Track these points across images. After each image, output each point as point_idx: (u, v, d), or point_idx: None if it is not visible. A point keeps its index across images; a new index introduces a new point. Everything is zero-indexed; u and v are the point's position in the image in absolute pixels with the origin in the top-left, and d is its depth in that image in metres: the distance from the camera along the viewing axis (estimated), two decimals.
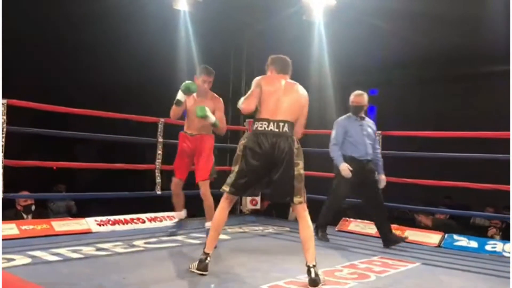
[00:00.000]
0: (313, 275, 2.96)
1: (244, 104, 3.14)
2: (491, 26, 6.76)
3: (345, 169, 4.41)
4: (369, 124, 4.70)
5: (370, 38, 7.56)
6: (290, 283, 3.05)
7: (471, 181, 4.84)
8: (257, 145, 3.04)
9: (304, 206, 3.10)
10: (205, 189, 4.12)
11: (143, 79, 9.64)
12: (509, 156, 4.98)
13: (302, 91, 3.22)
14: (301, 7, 6.35)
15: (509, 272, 3.68)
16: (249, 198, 6.19)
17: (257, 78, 3.22)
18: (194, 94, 4.12)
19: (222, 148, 7.21)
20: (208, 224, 3.97)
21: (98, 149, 10.23)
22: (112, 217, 4.78)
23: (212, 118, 3.93)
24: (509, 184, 4.61)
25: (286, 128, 3.05)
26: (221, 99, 4.23)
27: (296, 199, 3.05)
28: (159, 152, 5.21)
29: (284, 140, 3.03)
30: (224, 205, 3.20)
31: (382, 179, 4.61)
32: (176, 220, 4.60)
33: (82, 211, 6.51)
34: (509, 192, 4.76)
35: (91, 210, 5.96)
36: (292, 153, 3.03)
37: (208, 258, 3.17)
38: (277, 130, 3.04)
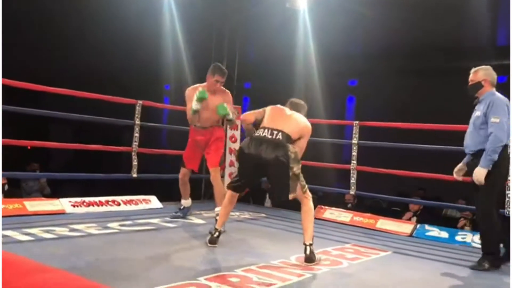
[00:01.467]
0: (308, 252, 3.29)
1: (244, 116, 3.66)
2: (474, 19, 6.84)
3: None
4: (480, 107, 3.77)
5: (352, 27, 7.58)
6: (263, 267, 3.09)
7: (445, 173, 4.93)
8: (246, 148, 3.37)
9: (305, 194, 3.44)
10: (215, 176, 4.41)
11: (125, 62, 9.52)
12: None
13: (305, 122, 3.54)
14: None
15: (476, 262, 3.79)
16: (225, 184, 6.19)
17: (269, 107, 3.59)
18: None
19: None
20: (217, 209, 4.17)
21: (74, 130, 10.08)
22: (86, 199, 4.74)
23: (232, 115, 4.18)
24: None
25: (280, 136, 3.34)
26: (228, 91, 4.45)
27: (291, 196, 3.34)
28: (136, 134, 5.16)
29: (274, 146, 3.30)
30: (230, 194, 3.59)
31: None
32: (182, 207, 4.72)
33: (56, 191, 6.43)
34: None
35: (65, 191, 5.89)
36: (288, 157, 3.27)
37: (217, 233, 3.57)
38: (270, 136, 3.34)
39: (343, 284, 2.97)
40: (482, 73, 3.82)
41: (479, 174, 3.50)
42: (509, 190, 4.37)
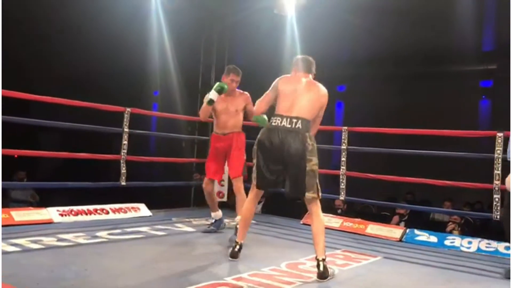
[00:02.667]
0: (321, 268, 3.06)
1: (256, 107, 3.39)
2: (460, 26, 6.92)
3: None
4: None
5: (340, 33, 7.63)
6: (254, 276, 3.07)
7: (433, 177, 4.97)
8: (267, 140, 3.14)
9: (317, 201, 3.18)
10: (239, 186, 4.23)
11: (113, 68, 9.47)
12: (474, 155, 5.14)
13: (323, 91, 3.28)
14: (273, 0, 6.35)
15: (465, 266, 3.81)
16: (216, 190, 6.17)
17: (277, 79, 3.31)
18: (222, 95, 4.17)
19: (192, 140, 7.17)
20: (238, 218, 4.03)
21: (62, 138, 9.99)
22: (75, 208, 4.68)
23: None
24: (466, 181, 4.76)
25: (299, 125, 3.10)
26: (247, 93, 4.33)
27: (309, 195, 3.13)
28: (125, 142, 5.12)
29: (294, 136, 3.09)
30: (251, 197, 3.39)
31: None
32: (213, 220, 4.56)
33: (43, 200, 6.35)
34: (467, 189, 4.92)
35: (53, 200, 5.82)
36: (305, 149, 3.08)
37: (237, 247, 3.39)
38: (289, 126, 3.10)
39: None
40: None
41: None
42: (497, 193, 4.42)
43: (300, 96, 3.19)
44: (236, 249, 3.41)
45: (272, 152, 3.14)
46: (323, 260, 3.08)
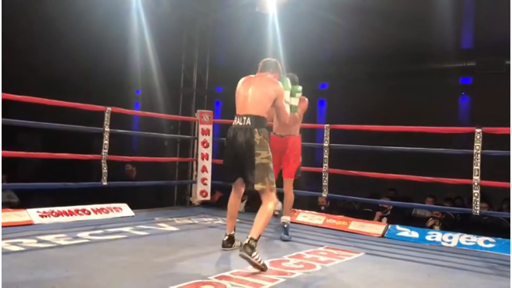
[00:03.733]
0: (246, 241, 3.14)
1: None
2: (439, 24, 7.01)
3: None
4: None
5: (321, 32, 7.66)
6: (237, 274, 3.07)
7: (414, 174, 5.03)
8: (226, 138, 3.48)
9: (269, 193, 3.34)
10: (288, 186, 4.39)
11: (93, 67, 9.35)
12: (454, 151, 5.21)
13: (271, 84, 3.51)
14: None
15: (446, 261, 3.87)
16: (199, 189, 6.17)
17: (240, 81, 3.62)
18: None
19: (175, 139, 7.13)
20: (284, 218, 4.36)
21: (43, 138, 9.84)
22: (55, 209, 4.62)
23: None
24: (447, 177, 4.83)
25: (248, 122, 3.37)
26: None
27: (257, 186, 3.32)
28: (106, 142, 5.07)
29: (243, 132, 3.36)
30: (231, 192, 3.71)
31: None
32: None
33: (24, 202, 6.25)
34: (449, 184, 5.00)
35: (33, 201, 5.73)
36: (253, 144, 3.30)
37: (226, 237, 3.71)
38: (241, 123, 3.40)
39: None
40: None
41: None
42: (476, 189, 4.49)
43: (250, 95, 3.46)
44: (225, 239, 3.71)
45: (228, 149, 3.48)
46: (252, 239, 3.14)
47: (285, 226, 4.30)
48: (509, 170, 4.48)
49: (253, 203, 6.33)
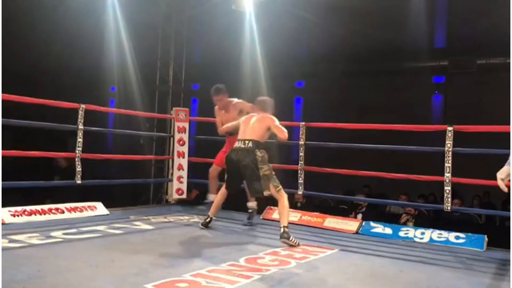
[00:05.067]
0: (281, 231, 4.06)
1: (225, 128, 4.84)
2: (413, 24, 7.14)
3: None
4: None
5: (297, 30, 7.71)
6: (212, 271, 3.07)
7: (388, 171, 5.11)
8: (229, 156, 4.37)
9: (279, 192, 4.26)
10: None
11: (67, 63, 9.20)
12: (426, 149, 5.31)
13: (267, 117, 4.42)
14: None
15: (418, 256, 3.95)
16: (175, 187, 6.13)
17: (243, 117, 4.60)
18: (223, 111, 5.12)
19: (151, 137, 7.07)
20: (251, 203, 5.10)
21: (14, 135, 9.64)
22: (28, 207, 4.54)
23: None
24: (422, 174, 4.92)
25: (250, 144, 4.27)
26: (235, 100, 5.12)
27: (266, 192, 4.24)
28: (80, 140, 4.99)
29: (246, 153, 4.24)
30: (222, 190, 4.62)
31: None
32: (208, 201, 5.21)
33: None
34: (422, 181, 5.09)
35: (5, 200, 5.61)
36: (256, 161, 4.20)
37: (208, 219, 4.58)
38: (243, 146, 4.29)
39: (291, 284, 3.01)
40: None
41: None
42: (447, 185, 4.59)
43: (250, 125, 4.38)
44: (207, 220, 4.57)
45: (231, 165, 4.35)
46: (284, 226, 4.08)
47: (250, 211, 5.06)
48: (481, 167, 4.59)
49: (231, 201, 6.35)
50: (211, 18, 7.37)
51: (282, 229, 4.07)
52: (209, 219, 4.57)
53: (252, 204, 5.02)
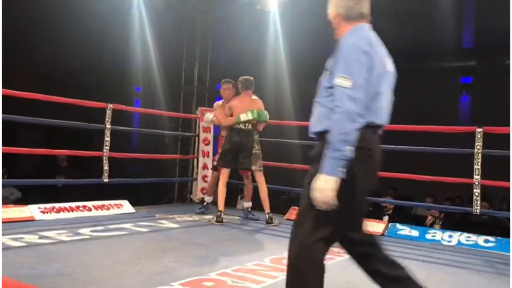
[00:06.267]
0: (267, 217, 4.91)
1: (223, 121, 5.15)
2: (441, 23, 7.01)
3: None
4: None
5: (322, 30, 7.65)
6: (238, 271, 3.08)
7: (414, 173, 5.03)
8: (234, 138, 4.90)
9: (261, 174, 4.98)
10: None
11: (94, 64, 9.34)
12: (454, 150, 5.21)
13: (259, 102, 5.05)
14: None
15: (445, 259, 3.88)
16: (199, 186, 6.17)
17: (232, 101, 5.03)
18: (220, 102, 5.30)
19: (175, 137, 7.12)
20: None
21: (43, 134, 9.84)
22: (56, 205, 4.63)
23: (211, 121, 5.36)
24: (446, 176, 4.84)
25: (250, 127, 4.94)
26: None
27: (255, 168, 4.95)
28: (107, 139, 5.07)
29: (247, 134, 4.90)
30: (222, 181, 4.96)
31: None
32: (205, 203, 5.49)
33: (25, 198, 6.26)
34: (447, 184, 5.00)
35: (34, 197, 5.74)
36: (253, 141, 4.92)
37: (218, 213, 4.84)
38: (244, 127, 4.91)
39: None
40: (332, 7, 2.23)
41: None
42: (476, 188, 4.49)
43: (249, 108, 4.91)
44: (220, 216, 4.82)
45: (235, 144, 4.88)
46: (269, 213, 4.93)
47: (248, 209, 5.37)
48: (509, 169, 4.48)
49: (255, 201, 6.36)
50: (236, 19, 7.38)
51: (267, 216, 4.89)
52: (220, 213, 4.83)
53: (247, 204, 5.31)
